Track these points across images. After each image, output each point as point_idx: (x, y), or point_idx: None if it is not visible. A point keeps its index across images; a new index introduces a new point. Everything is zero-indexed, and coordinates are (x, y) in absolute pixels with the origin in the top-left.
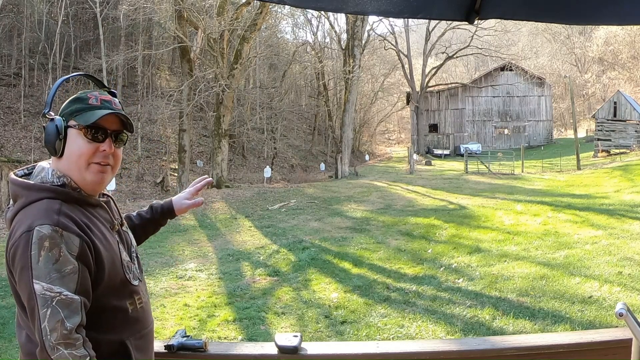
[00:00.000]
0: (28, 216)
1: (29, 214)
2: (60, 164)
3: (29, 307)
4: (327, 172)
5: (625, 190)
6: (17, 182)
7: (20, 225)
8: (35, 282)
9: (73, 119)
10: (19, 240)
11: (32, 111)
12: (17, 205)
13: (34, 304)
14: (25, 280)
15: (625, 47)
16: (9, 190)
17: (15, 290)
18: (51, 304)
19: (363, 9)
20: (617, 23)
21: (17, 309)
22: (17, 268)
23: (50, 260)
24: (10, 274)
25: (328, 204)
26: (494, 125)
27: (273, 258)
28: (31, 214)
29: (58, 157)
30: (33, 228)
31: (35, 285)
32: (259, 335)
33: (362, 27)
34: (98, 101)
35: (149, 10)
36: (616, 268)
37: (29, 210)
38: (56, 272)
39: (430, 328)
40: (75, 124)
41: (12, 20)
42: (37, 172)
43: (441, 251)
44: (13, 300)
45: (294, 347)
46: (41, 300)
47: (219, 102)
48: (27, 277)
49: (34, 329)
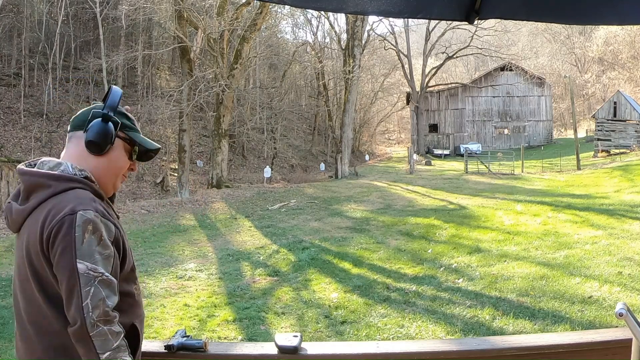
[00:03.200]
0: (65, 202)
1: (65, 200)
2: (89, 162)
3: (68, 285)
4: (327, 172)
5: (625, 190)
6: (40, 173)
7: (57, 210)
8: (79, 262)
9: (123, 132)
10: (61, 222)
11: (32, 111)
12: (43, 193)
13: (74, 283)
14: (68, 260)
15: (625, 47)
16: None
17: (37, 275)
18: (94, 283)
19: (363, 9)
20: (617, 23)
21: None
22: (58, 248)
23: (94, 242)
24: (43, 258)
25: (328, 204)
26: (494, 125)
27: (273, 258)
28: (68, 200)
29: (95, 155)
30: (76, 211)
31: (79, 265)
32: (258, 335)
33: (362, 27)
34: (135, 123)
35: (149, 10)
36: (616, 268)
37: (63, 197)
38: (99, 254)
39: (430, 328)
40: (125, 137)
41: (12, 20)
42: (51, 165)
43: (441, 251)
44: (13, 300)
45: (294, 347)
46: (84, 279)
47: (219, 102)
48: (70, 257)
49: (68, 309)
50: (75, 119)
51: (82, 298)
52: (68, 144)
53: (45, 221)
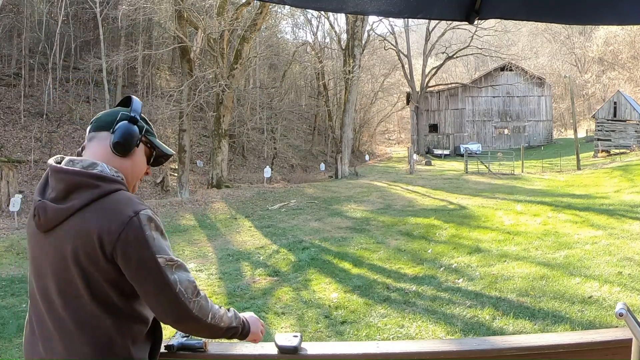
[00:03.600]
0: (122, 203)
1: (120, 201)
2: (115, 162)
3: (157, 281)
4: (327, 172)
5: (625, 190)
6: (85, 172)
7: (117, 212)
8: (158, 256)
9: (145, 137)
10: (129, 224)
11: (32, 111)
12: (90, 194)
13: (160, 275)
14: (148, 257)
15: (625, 47)
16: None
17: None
18: (176, 271)
19: (363, 9)
20: (617, 23)
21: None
22: (133, 250)
23: (160, 236)
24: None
25: (328, 204)
26: (494, 125)
27: (273, 258)
28: (122, 201)
29: (122, 156)
30: (138, 212)
31: (159, 259)
32: None
33: (362, 27)
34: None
35: (149, 10)
36: (616, 268)
37: (114, 198)
38: (166, 246)
39: (430, 328)
40: (147, 141)
41: (12, 20)
42: (85, 165)
43: (441, 251)
44: (13, 300)
45: (294, 347)
46: (167, 269)
47: (219, 102)
48: (148, 254)
49: (160, 301)
50: (99, 120)
51: (172, 286)
52: (90, 144)
53: (105, 223)
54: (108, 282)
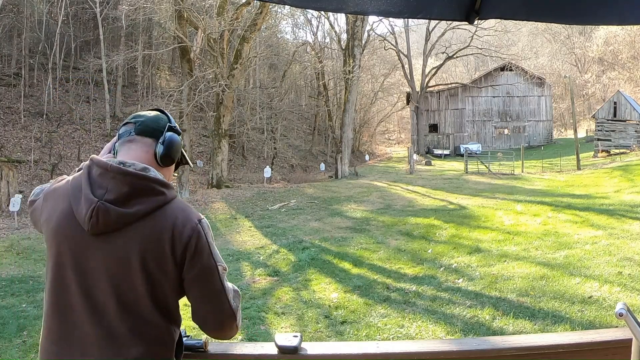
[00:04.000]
0: (185, 210)
1: (183, 209)
2: (161, 171)
3: (213, 285)
4: (327, 172)
5: (625, 190)
6: (151, 178)
7: (185, 218)
8: (219, 264)
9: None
10: (197, 230)
11: (32, 111)
12: (155, 200)
13: (219, 281)
14: (211, 264)
15: (625, 47)
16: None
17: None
18: (225, 278)
19: (363, 9)
20: (617, 23)
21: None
22: (200, 256)
23: (214, 244)
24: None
25: (328, 204)
26: (494, 125)
27: (273, 258)
28: (184, 208)
29: (166, 167)
30: (200, 219)
31: (219, 266)
32: (259, 335)
33: (362, 27)
34: None
35: (149, 10)
36: (616, 268)
37: (177, 205)
38: (219, 252)
39: (430, 328)
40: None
41: (12, 20)
42: (138, 168)
43: (441, 251)
44: (13, 300)
45: (294, 347)
46: (224, 277)
47: (219, 102)
48: (212, 261)
49: (218, 305)
50: (145, 124)
51: (228, 293)
52: (132, 146)
53: (175, 229)
54: (171, 286)
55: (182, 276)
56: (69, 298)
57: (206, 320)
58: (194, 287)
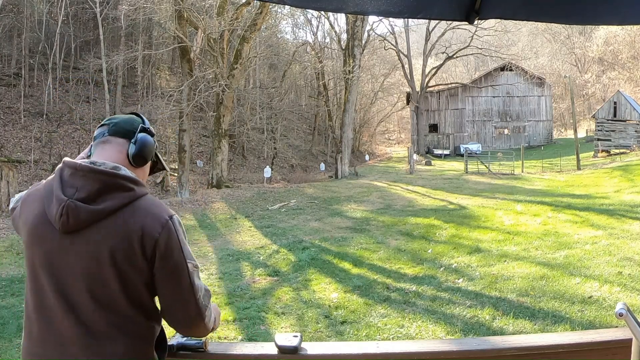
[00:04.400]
0: (155, 206)
1: (153, 205)
2: (134, 171)
3: (182, 283)
4: (327, 172)
5: (625, 190)
6: (121, 175)
7: (155, 215)
8: (189, 261)
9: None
10: (166, 227)
11: (32, 111)
12: (124, 196)
13: (187, 279)
14: (180, 261)
15: (625, 47)
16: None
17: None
18: (197, 276)
19: (363, 9)
20: (617, 23)
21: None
22: (169, 252)
23: (187, 241)
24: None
25: (328, 204)
26: (494, 125)
27: (273, 258)
28: (155, 204)
29: (138, 167)
30: (172, 216)
31: (189, 264)
32: (259, 335)
33: (362, 27)
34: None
35: (149, 10)
36: (616, 268)
37: (147, 202)
38: (190, 250)
39: (430, 328)
40: (155, 155)
41: (12, 20)
42: (110, 167)
43: (441, 251)
44: (13, 300)
45: (294, 347)
46: (194, 275)
47: (219, 102)
48: (181, 258)
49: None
50: (118, 125)
51: (196, 292)
52: (104, 147)
53: (145, 225)
54: (143, 282)
55: (153, 272)
56: (45, 298)
57: (174, 317)
58: (162, 284)
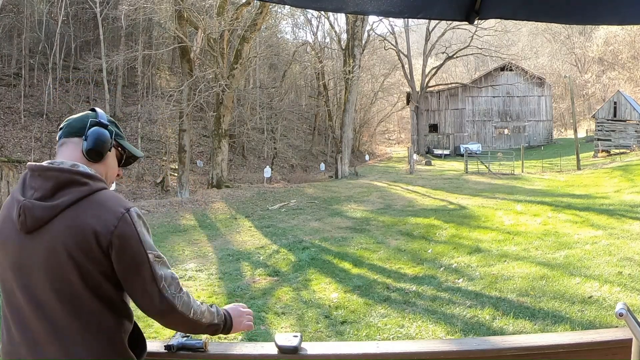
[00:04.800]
0: (111, 200)
1: (109, 199)
2: (93, 168)
3: (143, 274)
4: (327, 172)
5: (625, 190)
6: (74, 170)
7: (109, 208)
8: (149, 252)
9: (116, 140)
10: (122, 219)
11: (32, 111)
12: (78, 191)
13: (149, 270)
14: (139, 252)
15: (625, 47)
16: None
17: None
18: (161, 266)
19: (363, 9)
20: (617, 23)
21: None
22: (126, 244)
23: (148, 233)
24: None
25: (328, 204)
26: (494, 125)
27: (273, 258)
28: (111, 198)
29: (96, 162)
30: (129, 208)
31: (149, 255)
32: (259, 335)
33: (362, 27)
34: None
35: (149, 10)
36: (616, 268)
37: (103, 196)
38: (152, 242)
39: (430, 328)
40: (117, 145)
41: (12, 20)
42: (69, 165)
43: (441, 251)
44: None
45: (294, 347)
46: (155, 265)
47: (219, 102)
48: (140, 249)
49: (148, 294)
50: (69, 125)
51: (158, 282)
52: (62, 149)
53: (99, 219)
54: (103, 275)
55: (112, 266)
56: (15, 300)
57: (145, 308)
58: (124, 276)
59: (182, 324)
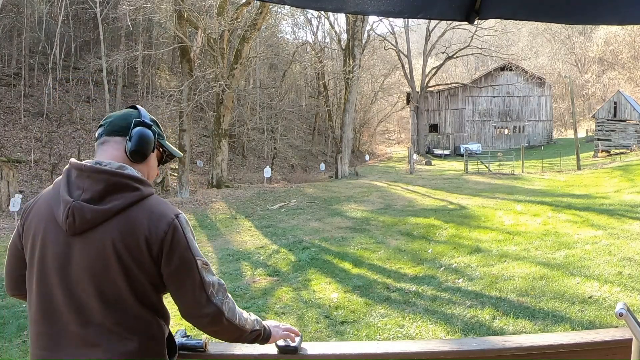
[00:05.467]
0: (161, 205)
1: (159, 204)
2: (136, 168)
3: (192, 280)
4: (327, 172)
5: (625, 190)
6: (126, 174)
7: (161, 214)
8: (197, 258)
9: (158, 140)
10: (173, 225)
11: (32, 111)
12: (130, 195)
13: (198, 276)
14: (189, 258)
15: (625, 47)
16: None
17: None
18: (208, 273)
19: (363, 9)
20: (617, 23)
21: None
22: (176, 250)
23: (195, 239)
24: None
25: (328, 204)
26: (494, 125)
27: (273, 258)
28: (161, 203)
29: (138, 162)
30: (178, 214)
31: (198, 261)
32: None
33: (362, 27)
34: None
35: (149, 10)
36: (616, 268)
37: (154, 201)
38: (198, 248)
39: (430, 328)
40: (159, 145)
41: (12, 20)
42: (117, 167)
43: (441, 251)
44: (13, 300)
45: (294, 347)
46: (204, 272)
47: (219, 102)
48: (189, 256)
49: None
50: (113, 124)
51: (206, 288)
52: (105, 147)
53: (151, 224)
54: (150, 281)
55: (160, 272)
56: (54, 302)
57: (192, 316)
58: (173, 282)
59: (227, 331)
